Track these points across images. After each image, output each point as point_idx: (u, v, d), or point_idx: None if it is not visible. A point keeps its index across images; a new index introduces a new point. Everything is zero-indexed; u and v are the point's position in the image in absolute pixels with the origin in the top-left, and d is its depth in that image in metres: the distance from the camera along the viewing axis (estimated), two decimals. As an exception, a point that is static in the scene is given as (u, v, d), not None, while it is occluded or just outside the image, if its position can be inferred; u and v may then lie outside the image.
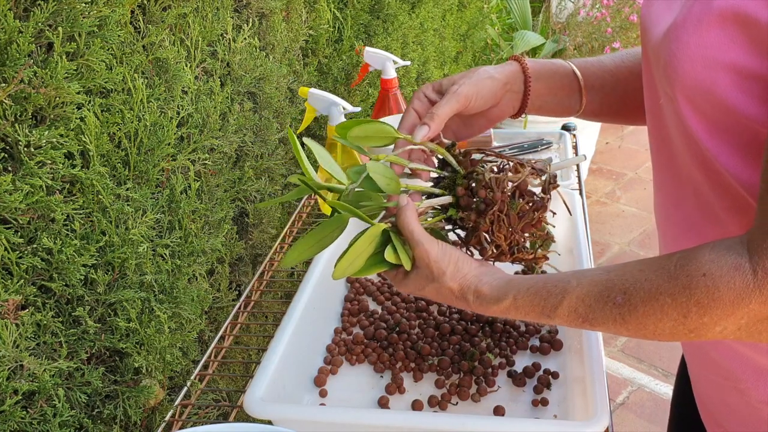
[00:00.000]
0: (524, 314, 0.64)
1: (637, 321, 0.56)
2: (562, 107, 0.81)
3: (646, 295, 0.55)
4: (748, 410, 0.64)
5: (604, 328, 0.59)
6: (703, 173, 0.58)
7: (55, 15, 0.75)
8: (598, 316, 0.58)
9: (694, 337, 0.55)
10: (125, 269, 0.89)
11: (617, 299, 0.56)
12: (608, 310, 0.57)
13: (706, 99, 0.53)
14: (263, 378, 0.75)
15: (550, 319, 0.62)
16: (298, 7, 1.36)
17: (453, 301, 0.68)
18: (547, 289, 0.62)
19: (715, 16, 0.50)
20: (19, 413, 0.73)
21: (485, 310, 0.66)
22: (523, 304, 0.63)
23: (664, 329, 0.55)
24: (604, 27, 3.11)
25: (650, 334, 0.57)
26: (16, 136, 0.72)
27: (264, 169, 1.31)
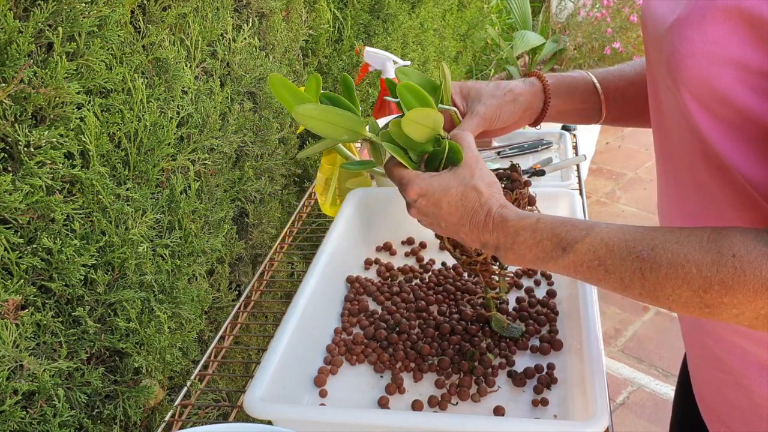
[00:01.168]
0: (539, 242, 0.62)
1: (656, 280, 0.54)
2: (582, 117, 0.84)
3: (673, 256, 0.53)
4: (750, 406, 0.64)
5: (616, 280, 0.57)
6: (708, 168, 0.57)
7: (55, 15, 0.75)
8: (617, 264, 0.57)
9: (706, 314, 0.54)
10: (125, 269, 0.89)
11: (643, 252, 0.55)
12: (630, 261, 0.56)
13: (711, 95, 0.53)
14: (263, 378, 0.75)
15: (565, 254, 0.60)
16: (298, 7, 1.36)
17: (471, 211, 0.66)
18: (573, 223, 0.61)
19: (719, 12, 0.50)
20: (19, 413, 0.73)
21: (501, 226, 0.65)
22: (544, 227, 0.62)
23: (679, 297, 0.54)
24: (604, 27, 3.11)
25: (663, 298, 0.55)
26: (16, 136, 0.72)
27: (264, 169, 1.31)
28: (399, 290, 1.00)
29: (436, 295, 0.98)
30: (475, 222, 0.67)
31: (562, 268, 0.62)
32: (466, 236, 0.69)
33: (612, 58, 3.11)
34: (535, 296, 0.97)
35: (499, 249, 0.66)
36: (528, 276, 1.02)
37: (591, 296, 0.83)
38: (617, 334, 2.24)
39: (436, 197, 0.68)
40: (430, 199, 0.69)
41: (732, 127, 0.54)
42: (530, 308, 0.94)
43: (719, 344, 0.65)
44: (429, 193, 0.69)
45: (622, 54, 3.10)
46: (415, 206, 0.70)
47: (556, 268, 0.63)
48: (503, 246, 0.65)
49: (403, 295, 0.99)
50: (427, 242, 1.11)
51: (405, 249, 1.11)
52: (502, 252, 0.66)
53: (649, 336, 2.22)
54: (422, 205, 0.69)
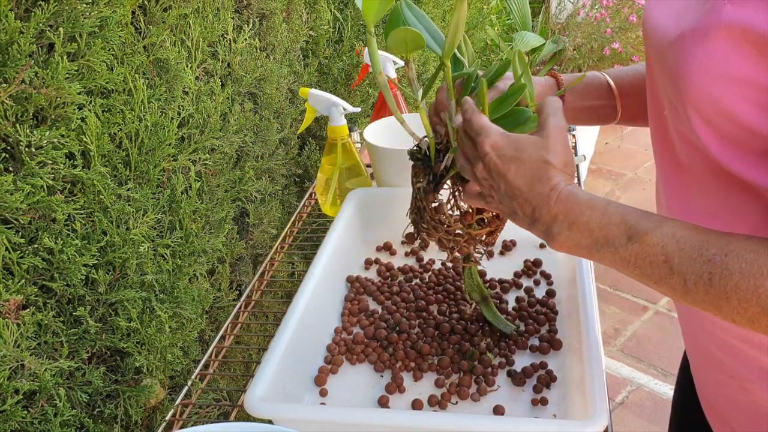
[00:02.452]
0: (604, 226, 0.58)
1: (724, 289, 0.50)
2: (598, 116, 0.83)
3: (746, 266, 0.50)
4: (754, 408, 0.64)
5: (679, 282, 0.53)
6: (713, 178, 0.57)
7: (56, 15, 0.75)
8: (684, 264, 0.52)
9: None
10: (126, 269, 0.89)
11: (716, 257, 0.51)
12: (699, 264, 0.52)
13: (716, 111, 0.52)
14: (264, 377, 0.75)
15: (630, 243, 0.56)
16: (299, 7, 1.36)
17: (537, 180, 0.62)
18: (644, 213, 0.57)
19: (723, 29, 0.50)
20: (20, 413, 0.73)
21: (566, 201, 0.60)
22: (614, 212, 0.58)
23: (746, 311, 0.50)
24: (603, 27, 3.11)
25: (726, 309, 0.51)
26: (18, 137, 0.72)
27: (264, 169, 1.31)
28: (399, 290, 1.00)
29: (436, 294, 0.98)
30: (536, 192, 0.62)
31: (619, 260, 0.57)
32: (520, 207, 0.63)
33: (611, 58, 3.11)
34: (534, 296, 0.97)
35: (551, 228, 0.61)
36: (528, 276, 1.02)
37: (590, 296, 0.84)
38: (616, 333, 2.24)
39: (509, 156, 0.63)
40: (503, 156, 0.64)
41: (737, 142, 0.53)
42: (530, 308, 0.94)
43: (721, 348, 0.65)
44: (504, 149, 0.64)
45: (622, 54, 3.10)
46: (484, 161, 0.65)
47: (612, 259, 0.58)
48: (560, 223, 0.61)
49: (403, 294, 0.99)
50: (426, 242, 1.12)
51: (405, 249, 1.12)
52: (555, 231, 0.61)
53: (648, 336, 2.22)
54: (492, 160, 0.64)
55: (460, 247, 0.79)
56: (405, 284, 1.02)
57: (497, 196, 0.66)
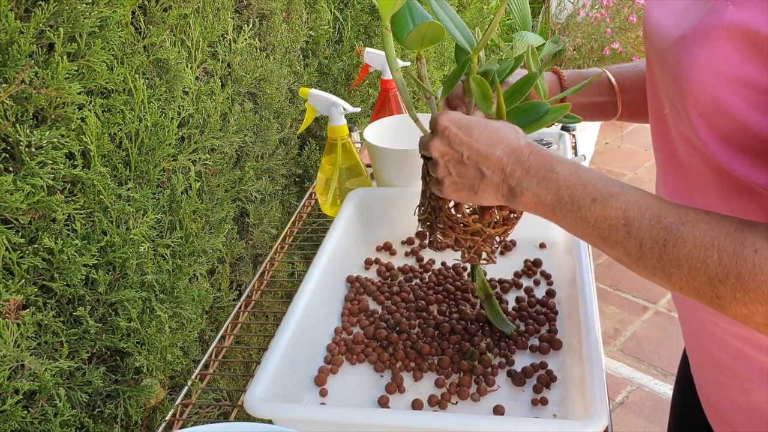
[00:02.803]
0: (571, 186, 0.59)
1: (676, 256, 0.52)
2: (599, 111, 0.83)
3: (700, 236, 0.51)
4: (755, 408, 0.64)
5: (635, 246, 0.55)
6: (715, 180, 0.57)
7: (56, 16, 0.75)
8: (643, 229, 0.54)
9: (715, 306, 0.51)
10: (126, 269, 0.89)
11: (672, 225, 0.53)
12: (656, 230, 0.53)
13: (718, 112, 0.52)
14: (264, 377, 0.75)
15: (593, 204, 0.57)
16: (299, 7, 1.36)
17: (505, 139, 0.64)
18: (612, 180, 0.59)
19: (724, 31, 0.50)
20: (20, 413, 0.73)
21: (538, 154, 0.62)
22: (583, 174, 0.59)
23: (693, 280, 0.51)
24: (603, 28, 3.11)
25: (676, 277, 0.53)
26: (18, 137, 0.72)
27: (264, 169, 1.31)
28: (399, 290, 1.00)
29: (436, 294, 0.98)
30: (510, 148, 0.63)
31: (579, 220, 0.58)
32: (489, 167, 0.64)
33: (611, 58, 3.11)
34: (534, 296, 0.97)
35: (522, 182, 0.62)
36: (528, 276, 1.03)
37: (590, 296, 0.84)
38: (616, 333, 2.24)
39: (469, 125, 0.66)
40: (462, 125, 0.66)
41: (737, 143, 0.53)
42: (530, 308, 0.94)
43: (722, 348, 0.65)
44: (462, 120, 0.66)
45: (622, 54, 3.10)
46: (442, 136, 0.67)
47: (572, 219, 0.59)
48: (531, 177, 0.62)
49: (403, 294, 0.99)
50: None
51: (405, 249, 1.12)
52: (525, 185, 0.62)
53: (648, 336, 2.22)
54: (451, 132, 0.66)
55: (477, 246, 0.79)
56: (405, 284, 1.02)
57: (456, 169, 0.67)
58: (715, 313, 0.63)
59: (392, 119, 1.23)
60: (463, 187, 0.68)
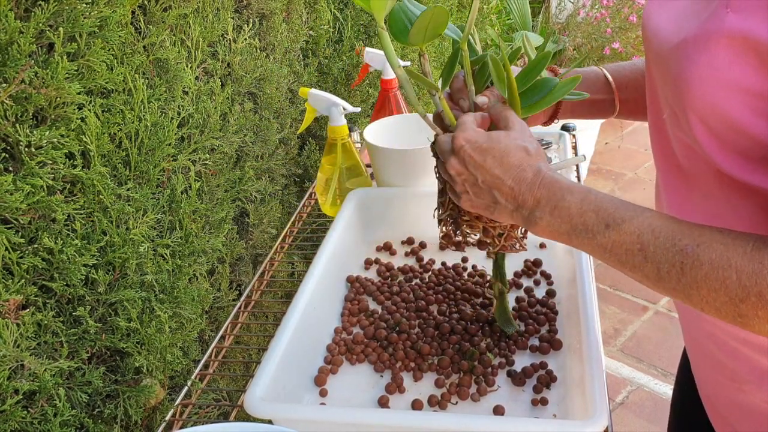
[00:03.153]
0: (584, 213, 0.59)
1: (694, 279, 0.52)
2: (596, 109, 0.83)
3: (716, 257, 0.51)
4: (756, 409, 0.64)
5: (652, 270, 0.55)
6: (716, 184, 0.57)
7: (56, 15, 0.75)
8: (659, 254, 0.54)
9: (738, 323, 0.52)
10: (126, 269, 0.89)
11: (688, 247, 0.52)
12: (672, 253, 0.53)
13: (717, 118, 0.52)
14: (263, 377, 0.75)
15: (607, 230, 0.57)
16: (299, 7, 1.36)
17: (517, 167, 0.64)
18: (622, 203, 0.59)
19: (724, 38, 0.49)
20: (20, 413, 0.73)
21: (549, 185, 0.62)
22: (594, 199, 0.59)
23: (714, 301, 0.52)
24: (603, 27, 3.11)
25: (696, 298, 0.53)
26: (17, 137, 0.72)
27: (264, 169, 1.31)
28: (399, 290, 1.00)
29: (436, 294, 0.98)
30: (520, 178, 0.64)
31: (596, 247, 0.59)
32: (502, 195, 0.65)
33: (611, 58, 3.11)
34: (534, 296, 0.97)
35: (534, 212, 0.63)
36: (528, 276, 1.02)
37: (590, 296, 0.84)
38: (616, 333, 2.24)
39: (484, 147, 0.65)
40: (478, 148, 0.66)
41: (739, 149, 0.53)
42: (530, 308, 0.94)
43: (721, 349, 0.65)
44: (478, 141, 0.66)
45: (622, 54, 3.10)
46: (458, 155, 0.67)
47: (589, 246, 0.59)
48: (542, 208, 0.62)
49: (403, 294, 0.99)
50: (427, 242, 1.12)
51: (405, 249, 1.12)
52: (538, 216, 0.62)
53: (648, 336, 2.22)
54: (467, 152, 0.66)
55: (507, 233, 0.78)
56: (405, 284, 1.02)
57: (473, 190, 0.67)
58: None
59: (392, 119, 1.23)
60: (479, 206, 0.68)
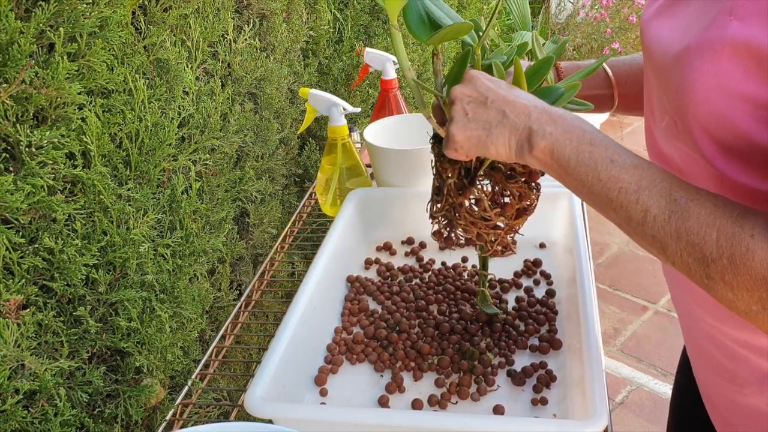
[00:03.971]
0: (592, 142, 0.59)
1: (677, 229, 0.53)
2: (595, 103, 0.82)
3: (704, 213, 0.52)
4: (756, 410, 0.64)
5: (640, 212, 0.55)
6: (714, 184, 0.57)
7: (57, 16, 0.75)
8: (653, 197, 0.54)
9: (704, 285, 0.52)
10: (126, 269, 0.89)
11: (681, 199, 0.53)
12: (664, 201, 0.54)
13: (721, 126, 0.52)
14: (264, 377, 0.75)
15: (612, 165, 0.57)
16: (299, 8, 1.36)
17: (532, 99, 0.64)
18: (624, 149, 0.59)
19: (728, 46, 0.49)
20: (21, 412, 0.73)
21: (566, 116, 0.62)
22: (609, 140, 0.59)
23: (689, 255, 0.52)
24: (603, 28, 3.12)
25: (671, 250, 0.53)
26: (18, 137, 0.72)
27: (265, 169, 1.31)
28: (399, 290, 1.00)
29: (436, 294, 0.98)
30: (537, 103, 0.64)
31: (590, 177, 0.58)
32: (513, 110, 0.64)
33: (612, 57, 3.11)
34: (534, 296, 0.97)
35: (545, 127, 0.62)
36: (528, 276, 1.03)
37: (590, 296, 0.84)
38: (616, 333, 2.24)
39: (498, 80, 0.67)
40: (491, 78, 0.67)
41: (743, 156, 0.53)
42: (529, 307, 0.94)
43: (721, 351, 0.65)
44: (493, 77, 0.68)
45: (622, 54, 3.10)
46: (468, 82, 0.67)
47: (582, 175, 0.59)
48: (555, 124, 0.61)
49: (403, 294, 0.99)
50: (427, 242, 1.12)
51: (405, 249, 1.12)
52: (548, 131, 0.61)
53: (648, 335, 2.22)
54: (479, 79, 0.67)
55: (499, 239, 0.78)
56: (405, 284, 1.02)
57: (475, 111, 0.66)
58: (715, 316, 0.63)
59: (392, 119, 1.23)
60: (476, 128, 0.66)
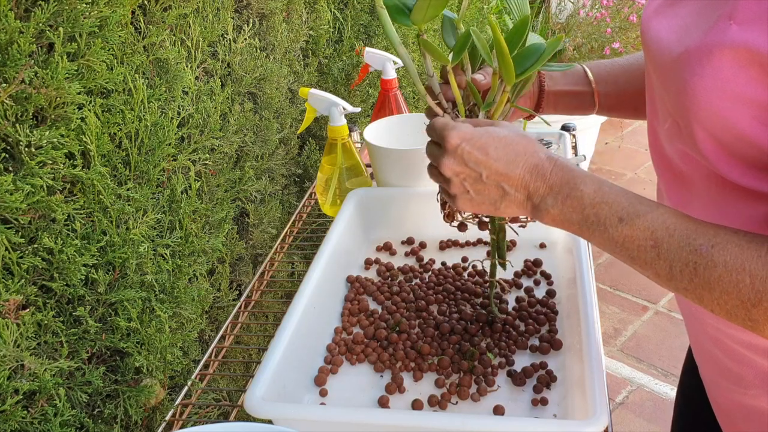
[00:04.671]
0: (597, 204, 0.58)
1: (707, 279, 0.52)
2: (578, 102, 0.83)
3: (731, 259, 0.50)
4: (763, 412, 0.64)
5: (665, 268, 0.54)
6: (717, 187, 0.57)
7: (56, 15, 0.75)
8: (672, 252, 0.53)
9: (748, 327, 0.51)
10: (126, 269, 0.89)
11: (702, 247, 0.52)
12: (686, 252, 0.53)
13: (723, 129, 0.52)
14: (264, 377, 0.75)
15: (621, 224, 0.56)
16: (299, 7, 1.36)
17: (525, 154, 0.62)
18: (638, 197, 0.58)
19: (728, 49, 0.49)
20: (20, 413, 0.73)
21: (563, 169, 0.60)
22: (609, 190, 0.58)
23: (726, 303, 0.51)
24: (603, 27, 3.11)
25: (708, 299, 0.52)
26: (17, 137, 0.72)
27: (264, 169, 1.31)
28: (399, 290, 1.00)
29: (436, 294, 0.98)
30: (530, 164, 0.62)
31: (607, 240, 0.57)
32: (511, 185, 0.62)
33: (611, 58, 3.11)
34: (534, 296, 0.97)
35: (546, 200, 0.61)
36: (528, 276, 1.02)
37: (590, 296, 0.84)
38: (617, 333, 2.24)
39: (483, 141, 0.63)
40: (476, 143, 0.63)
41: (746, 159, 0.53)
42: (530, 308, 0.94)
43: (726, 353, 0.65)
44: (474, 137, 0.63)
45: (622, 54, 3.10)
46: (455, 155, 0.64)
47: (600, 238, 0.58)
48: (554, 195, 0.60)
49: (403, 294, 0.99)
50: (427, 242, 1.12)
51: (405, 249, 1.12)
52: (550, 203, 0.60)
53: (648, 336, 2.22)
54: (465, 151, 0.63)
55: None
56: (405, 284, 1.02)
57: (474, 188, 0.65)
58: (718, 319, 0.63)
59: (392, 119, 1.23)
60: (482, 202, 0.66)
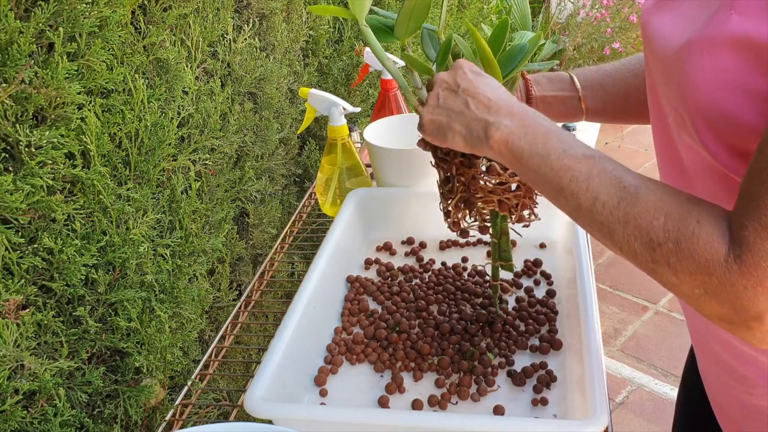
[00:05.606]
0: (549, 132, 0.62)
1: (625, 214, 0.54)
2: (566, 107, 0.84)
3: (653, 199, 0.53)
4: (764, 411, 0.64)
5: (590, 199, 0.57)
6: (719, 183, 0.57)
7: (56, 15, 0.75)
8: (602, 185, 0.56)
9: (649, 271, 0.53)
10: (126, 269, 0.89)
11: (630, 186, 0.55)
12: (615, 188, 0.56)
13: (726, 121, 0.52)
14: (264, 377, 0.75)
15: (565, 155, 0.59)
16: (299, 7, 1.36)
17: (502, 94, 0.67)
18: (580, 142, 0.61)
19: (729, 40, 0.49)
20: (20, 413, 0.73)
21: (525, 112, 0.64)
22: (564, 133, 0.62)
23: (635, 240, 0.53)
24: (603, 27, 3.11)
25: (618, 236, 0.55)
26: (17, 136, 0.72)
27: (264, 169, 1.31)
28: (399, 290, 1.00)
29: (436, 294, 0.98)
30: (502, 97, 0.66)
31: (543, 166, 0.60)
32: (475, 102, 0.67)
33: (611, 58, 3.11)
34: (534, 296, 0.97)
35: (502, 120, 0.64)
36: (528, 276, 1.02)
37: (590, 296, 0.84)
38: (616, 333, 2.24)
39: (483, 74, 0.70)
40: (475, 70, 0.70)
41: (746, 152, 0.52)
42: (530, 308, 0.94)
43: (729, 351, 0.65)
44: (477, 70, 0.70)
45: (622, 54, 3.10)
46: (453, 69, 0.70)
47: (536, 165, 0.61)
48: (512, 118, 0.64)
49: (403, 294, 0.99)
50: (427, 242, 1.12)
51: (405, 249, 1.12)
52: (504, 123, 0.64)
53: (648, 335, 2.22)
54: (462, 69, 0.69)
55: (521, 201, 0.79)
56: (405, 284, 1.02)
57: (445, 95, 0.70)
58: None
59: (392, 119, 1.23)
60: (440, 113, 0.69)
